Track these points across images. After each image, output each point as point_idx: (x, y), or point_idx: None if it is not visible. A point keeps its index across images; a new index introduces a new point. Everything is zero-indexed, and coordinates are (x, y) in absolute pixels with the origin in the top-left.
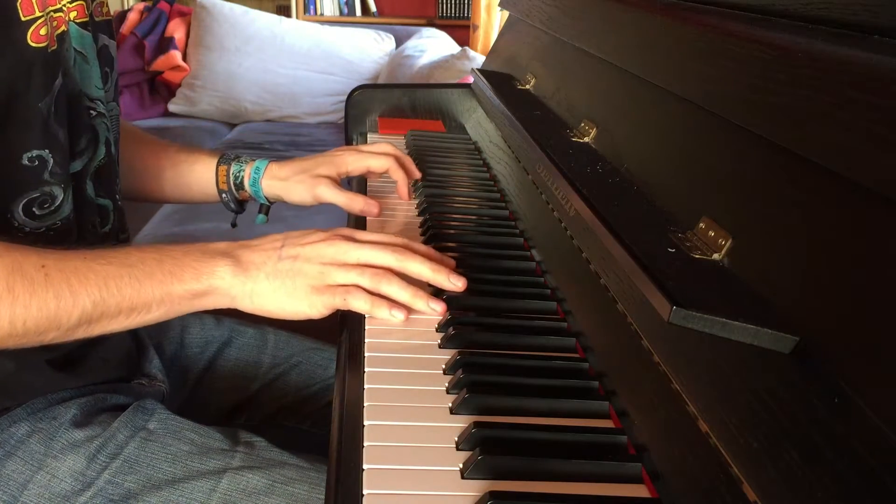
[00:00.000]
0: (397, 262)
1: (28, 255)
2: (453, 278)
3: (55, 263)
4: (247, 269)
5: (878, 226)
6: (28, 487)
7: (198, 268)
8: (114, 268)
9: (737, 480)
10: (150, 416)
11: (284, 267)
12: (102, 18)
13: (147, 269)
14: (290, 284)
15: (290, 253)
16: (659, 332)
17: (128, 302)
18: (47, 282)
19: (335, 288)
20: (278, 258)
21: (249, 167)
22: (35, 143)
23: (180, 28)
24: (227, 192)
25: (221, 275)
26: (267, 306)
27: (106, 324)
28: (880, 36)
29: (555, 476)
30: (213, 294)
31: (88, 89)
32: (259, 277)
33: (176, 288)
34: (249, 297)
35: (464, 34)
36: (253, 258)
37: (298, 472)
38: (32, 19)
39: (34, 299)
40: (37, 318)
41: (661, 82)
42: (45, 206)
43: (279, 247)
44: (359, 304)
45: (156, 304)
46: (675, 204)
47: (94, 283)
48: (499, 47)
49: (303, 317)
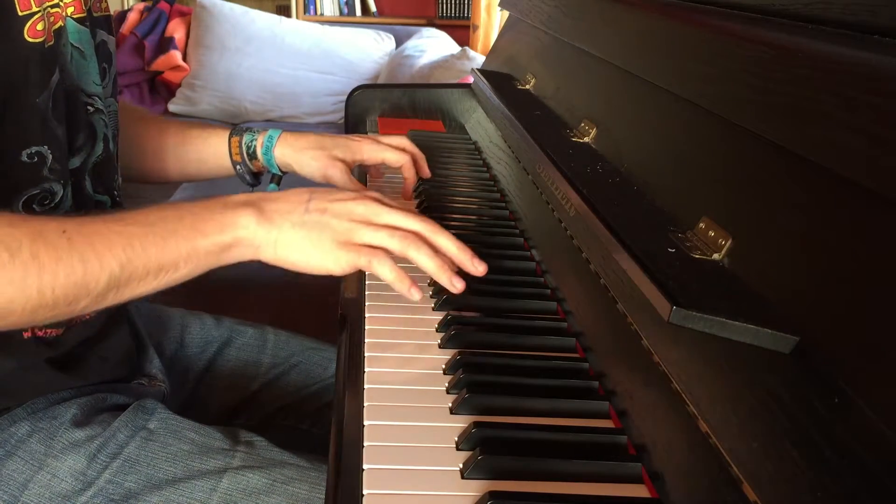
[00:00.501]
0: (427, 231)
1: (47, 222)
2: (476, 262)
3: (76, 227)
4: (271, 218)
5: (877, 226)
6: (29, 487)
7: (220, 220)
8: (136, 227)
9: (737, 480)
10: (151, 415)
11: (312, 219)
12: (101, 14)
13: (170, 227)
14: (316, 236)
15: (319, 206)
16: (659, 332)
17: (154, 262)
18: (71, 246)
19: (362, 247)
20: (305, 210)
21: (262, 136)
22: (34, 139)
23: (180, 28)
24: (242, 164)
25: (245, 224)
26: (291, 257)
27: (135, 286)
28: (880, 36)
29: (555, 476)
30: (238, 245)
31: (86, 85)
32: (285, 226)
33: (201, 242)
34: (273, 246)
35: (464, 34)
36: (278, 207)
37: (299, 472)
38: (29, 14)
39: (60, 265)
40: (65, 284)
41: (661, 82)
42: (44, 202)
43: (306, 199)
44: (383, 271)
45: (183, 262)
46: (675, 204)
47: (118, 245)
48: (499, 47)
49: (325, 271)
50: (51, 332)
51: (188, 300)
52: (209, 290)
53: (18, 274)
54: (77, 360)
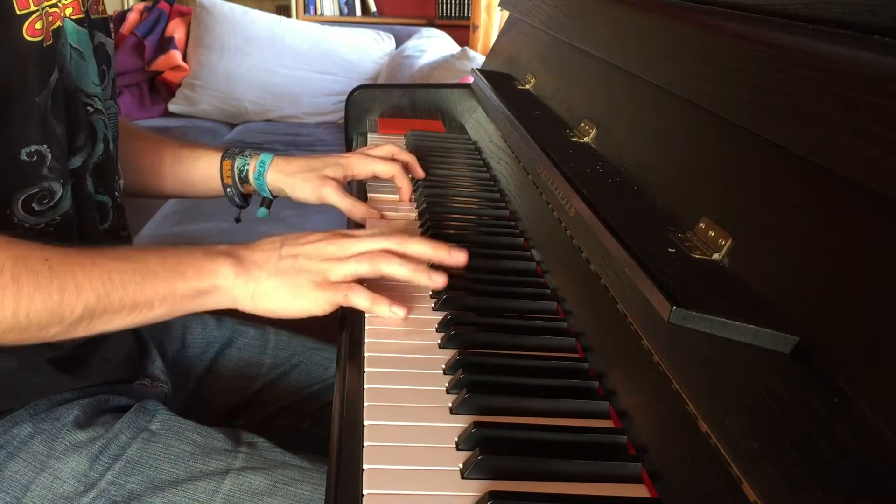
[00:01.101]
0: (397, 245)
1: (32, 249)
2: (455, 252)
3: (59, 257)
4: (248, 269)
5: (877, 226)
6: (31, 489)
7: (201, 266)
8: (118, 263)
9: (737, 480)
10: (153, 416)
11: (286, 265)
12: (98, 16)
13: (151, 266)
14: (291, 282)
15: (291, 252)
16: (659, 332)
17: (131, 298)
18: (52, 274)
19: (337, 284)
20: (279, 257)
21: (254, 161)
22: (33, 137)
23: (180, 28)
24: (232, 187)
25: (224, 274)
26: (269, 305)
27: (108, 320)
28: (880, 36)
29: (555, 476)
30: (215, 293)
31: (85, 85)
32: (261, 277)
33: (179, 286)
34: (251, 297)
35: (464, 34)
36: (254, 258)
37: (301, 473)
38: (28, 13)
39: (38, 291)
40: (40, 310)
41: (661, 82)
42: (44, 201)
43: (279, 247)
44: (359, 301)
45: (158, 302)
46: (675, 204)
47: (98, 278)
48: (499, 47)
49: (306, 314)
50: None
51: None
52: None
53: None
54: (79, 361)
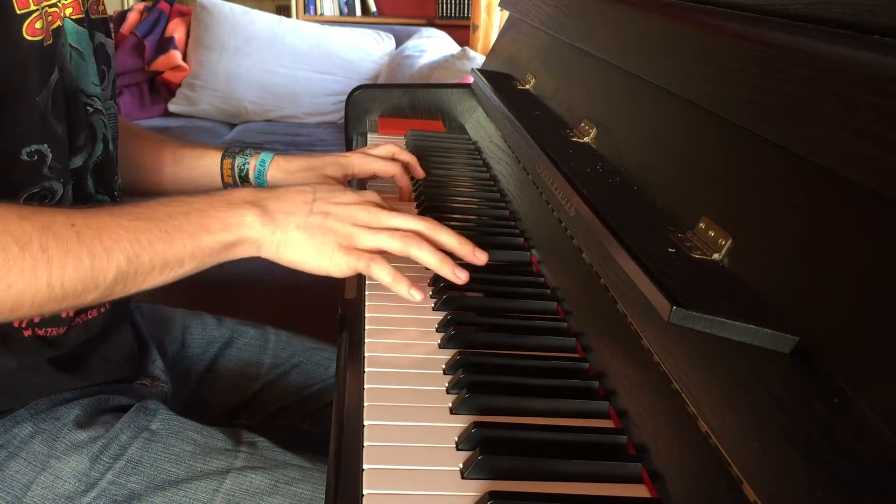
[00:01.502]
0: (428, 229)
1: (56, 215)
2: (478, 252)
3: (84, 221)
4: (275, 219)
5: (877, 226)
6: (32, 488)
7: (225, 218)
8: (143, 223)
9: (737, 480)
10: (153, 416)
11: (315, 221)
12: (98, 16)
13: (175, 223)
14: (318, 239)
15: (322, 209)
16: (659, 332)
17: (160, 257)
18: (79, 239)
19: (362, 252)
20: (310, 211)
21: (254, 159)
22: (34, 137)
23: (180, 28)
24: (232, 186)
25: (250, 223)
26: (292, 257)
27: (141, 280)
28: (880, 36)
29: (555, 476)
30: (241, 244)
31: (85, 86)
32: (289, 228)
33: (205, 240)
34: (276, 246)
35: (464, 34)
36: (281, 207)
37: (302, 472)
38: (27, 13)
39: (69, 258)
40: (73, 278)
41: (661, 82)
42: (44, 201)
43: (310, 200)
44: (381, 274)
45: (188, 258)
46: (675, 204)
47: (125, 239)
48: (499, 47)
49: (324, 272)
50: (52, 332)
51: (190, 301)
52: (210, 290)
53: (28, 266)
54: (79, 361)
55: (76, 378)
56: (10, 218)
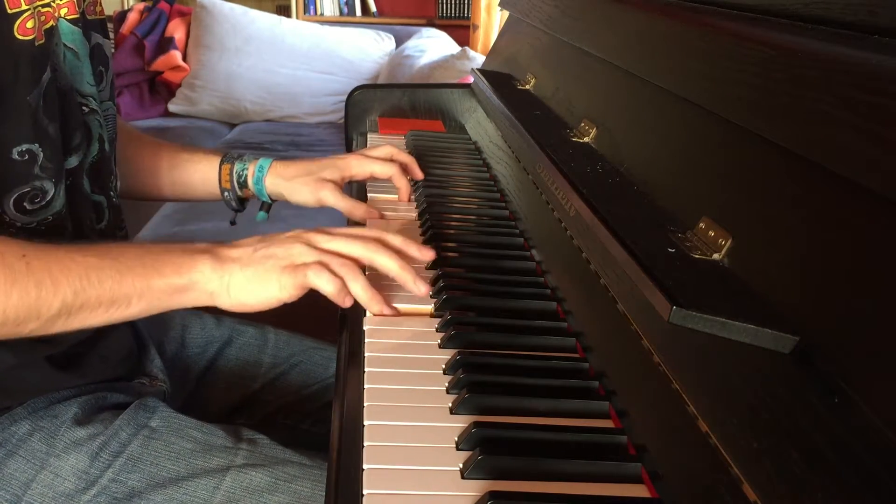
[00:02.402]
0: (366, 252)
1: (9, 245)
2: (419, 283)
3: (36, 253)
4: (223, 263)
5: (877, 226)
6: (31, 487)
7: (178, 263)
8: (95, 259)
9: (737, 480)
10: (153, 413)
11: (258, 255)
12: (95, 17)
13: (128, 263)
14: (261, 270)
15: (266, 245)
16: (659, 332)
17: (108, 294)
18: (28, 270)
19: (301, 266)
20: (254, 251)
21: (253, 166)
22: (24, 136)
23: (180, 28)
24: (230, 191)
25: (201, 269)
26: (242, 298)
27: (86, 316)
28: (880, 36)
29: (555, 476)
30: (192, 289)
31: (80, 85)
32: (234, 269)
33: (156, 282)
34: (227, 290)
35: (464, 34)
36: (231, 253)
37: (302, 470)
38: (19, 12)
39: (15, 287)
40: (17, 306)
41: (661, 82)
42: (35, 200)
43: (256, 242)
44: (321, 282)
45: (136, 298)
46: (675, 204)
47: (75, 273)
48: (499, 47)
49: (275, 301)
50: None
51: None
52: None
53: None
54: (77, 359)
55: (74, 376)
56: None
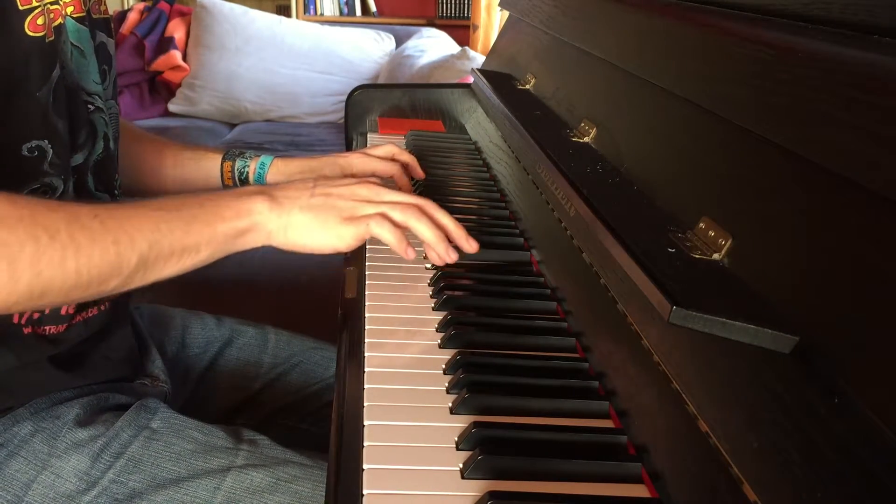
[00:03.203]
0: (428, 206)
1: (81, 207)
2: (471, 240)
3: (107, 212)
4: (281, 204)
5: (877, 225)
6: (32, 487)
7: (237, 206)
8: (161, 212)
9: (737, 480)
10: (154, 414)
11: (317, 202)
12: (100, 16)
13: (191, 212)
14: (322, 217)
15: (323, 190)
16: (659, 332)
17: (179, 243)
18: (104, 228)
19: (363, 217)
20: (311, 194)
21: (254, 163)
22: (35, 133)
23: (180, 28)
24: (232, 188)
25: (259, 209)
26: (300, 239)
27: (161, 267)
28: (880, 36)
29: (555, 476)
30: (253, 230)
31: (86, 83)
32: (293, 210)
33: (220, 227)
34: (284, 230)
35: (464, 34)
36: (287, 193)
37: (302, 470)
38: (30, 9)
39: (96, 246)
40: (100, 265)
41: (661, 82)
42: (45, 197)
43: (311, 186)
44: (382, 231)
45: (204, 244)
46: (675, 204)
47: (147, 227)
48: (499, 47)
49: (331, 249)
50: (51, 330)
51: (189, 301)
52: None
53: (58, 255)
54: (79, 359)
55: (76, 377)
56: (40, 209)
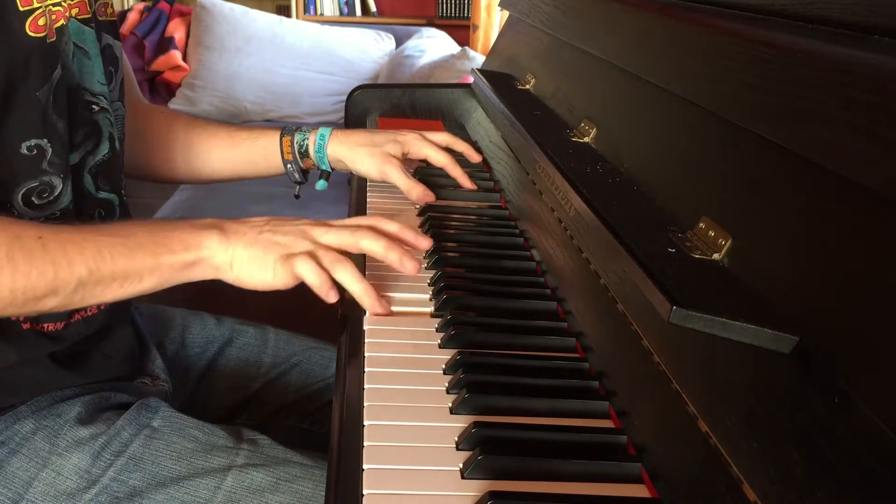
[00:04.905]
0: (352, 239)
1: (26, 228)
2: (405, 261)
3: (51, 234)
4: (230, 238)
5: (877, 225)
6: (33, 485)
7: (187, 239)
8: (107, 238)
9: (737, 480)
10: (155, 413)
11: (263, 238)
12: (106, 19)
13: (139, 241)
14: (261, 253)
15: (272, 227)
16: (659, 332)
17: (121, 270)
18: (45, 250)
19: (294, 256)
20: (259, 231)
21: (314, 135)
22: (34, 132)
23: (180, 28)
24: (293, 163)
25: (208, 244)
26: (241, 275)
27: (102, 291)
28: (880, 36)
29: (555, 476)
30: (200, 264)
31: (90, 84)
32: (239, 246)
33: (166, 258)
34: (230, 265)
35: (464, 34)
36: (238, 229)
37: (303, 470)
38: (31, 10)
39: (33, 268)
40: (36, 286)
41: (662, 82)
42: (43, 195)
43: (264, 222)
44: (305, 272)
45: (147, 273)
46: (675, 204)
47: (89, 252)
48: (499, 47)
49: (268, 286)
50: (50, 327)
51: (190, 301)
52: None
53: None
54: (80, 357)
55: (76, 374)
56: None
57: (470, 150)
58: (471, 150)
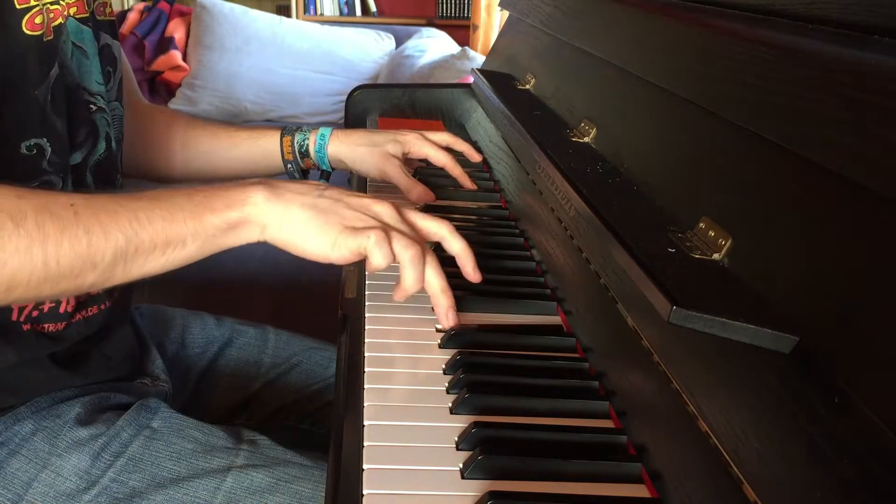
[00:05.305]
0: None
1: (56, 196)
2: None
3: (84, 202)
4: (281, 195)
5: (877, 225)
6: (33, 486)
7: (231, 196)
8: (144, 202)
9: (737, 480)
10: (154, 414)
11: (323, 203)
12: (105, 18)
13: (178, 203)
14: (322, 219)
15: (334, 195)
16: (659, 332)
17: (161, 235)
18: (76, 218)
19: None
20: (319, 194)
21: (314, 135)
22: (33, 131)
23: (180, 28)
24: (293, 162)
25: (254, 200)
26: (293, 237)
27: (143, 262)
28: (880, 36)
29: (555, 476)
30: (246, 223)
31: (88, 83)
32: (294, 204)
33: (208, 218)
34: (279, 224)
35: (464, 34)
36: (291, 187)
37: (302, 471)
38: (27, 8)
39: (65, 236)
40: (70, 255)
41: (662, 82)
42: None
43: (323, 188)
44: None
45: (190, 237)
46: (675, 204)
47: (124, 218)
48: (499, 47)
49: (322, 256)
50: (51, 327)
51: (190, 301)
52: (210, 290)
53: (23, 243)
54: (80, 358)
55: (76, 375)
56: (7, 196)
57: (470, 150)
58: (471, 150)
